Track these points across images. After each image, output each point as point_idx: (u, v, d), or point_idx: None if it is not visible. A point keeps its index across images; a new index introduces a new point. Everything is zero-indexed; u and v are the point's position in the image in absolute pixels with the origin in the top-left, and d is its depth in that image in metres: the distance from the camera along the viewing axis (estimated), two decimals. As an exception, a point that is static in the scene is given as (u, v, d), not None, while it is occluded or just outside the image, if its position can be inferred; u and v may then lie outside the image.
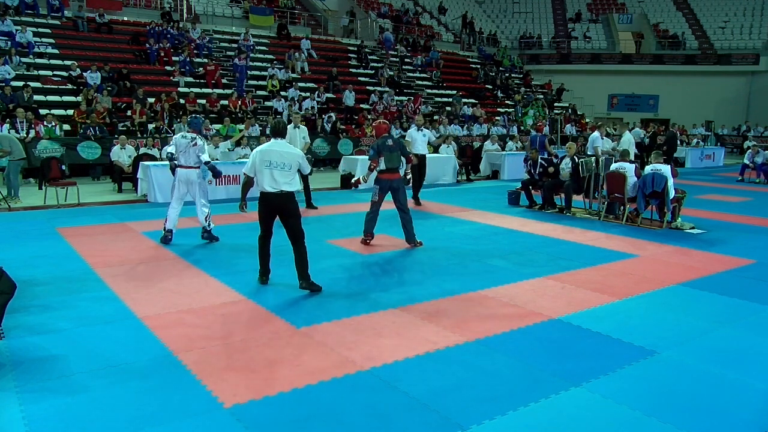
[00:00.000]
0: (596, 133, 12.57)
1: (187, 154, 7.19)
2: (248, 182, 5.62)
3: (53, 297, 5.17)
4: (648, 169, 8.96)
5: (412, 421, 3.21)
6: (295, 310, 4.93)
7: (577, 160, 9.99)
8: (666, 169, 8.78)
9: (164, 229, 7.31)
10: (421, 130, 10.97)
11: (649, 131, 20.23)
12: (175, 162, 7.26)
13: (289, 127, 10.34)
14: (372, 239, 7.48)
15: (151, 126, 14.88)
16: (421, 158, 10.71)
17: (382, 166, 7.31)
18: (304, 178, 10.34)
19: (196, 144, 7.17)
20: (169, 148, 7.41)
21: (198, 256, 6.72)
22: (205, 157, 7.21)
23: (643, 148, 17.29)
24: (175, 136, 7.54)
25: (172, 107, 15.79)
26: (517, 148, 17.21)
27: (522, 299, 5.31)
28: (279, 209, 5.46)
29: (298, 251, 5.48)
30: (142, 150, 12.82)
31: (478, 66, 27.45)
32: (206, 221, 7.34)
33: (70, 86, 15.76)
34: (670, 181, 8.61)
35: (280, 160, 5.35)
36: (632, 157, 10.64)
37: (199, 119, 7.79)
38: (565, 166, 10.12)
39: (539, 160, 10.61)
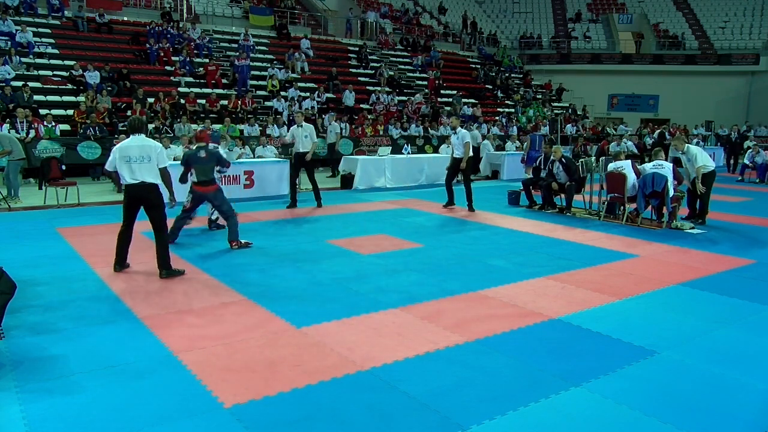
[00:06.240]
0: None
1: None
2: (112, 175, 6.95)
3: (53, 297, 5.17)
4: (648, 166, 8.93)
5: (412, 421, 3.20)
6: (295, 310, 4.93)
7: (566, 162, 9.98)
8: (668, 167, 8.76)
9: None
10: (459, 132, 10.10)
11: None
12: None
13: (292, 127, 10.26)
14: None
15: (151, 126, 14.87)
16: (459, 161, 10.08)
17: (195, 178, 7.01)
18: (312, 179, 10.20)
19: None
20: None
21: (198, 257, 6.72)
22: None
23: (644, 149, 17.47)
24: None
25: (172, 107, 15.79)
26: (516, 148, 17.21)
27: (522, 299, 5.31)
28: (140, 200, 5.81)
29: (160, 241, 5.85)
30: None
31: (478, 66, 27.44)
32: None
33: (70, 86, 15.76)
34: (671, 181, 8.60)
35: (138, 154, 5.72)
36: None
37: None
38: (558, 171, 10.08)
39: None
